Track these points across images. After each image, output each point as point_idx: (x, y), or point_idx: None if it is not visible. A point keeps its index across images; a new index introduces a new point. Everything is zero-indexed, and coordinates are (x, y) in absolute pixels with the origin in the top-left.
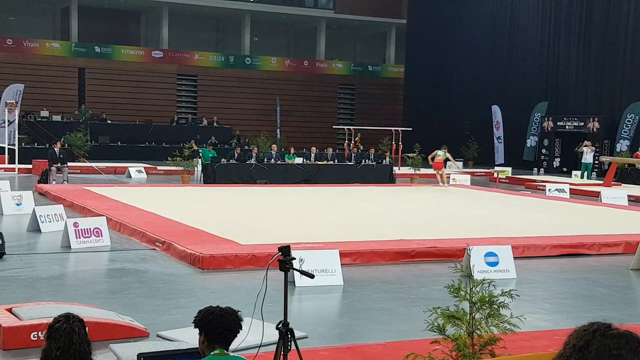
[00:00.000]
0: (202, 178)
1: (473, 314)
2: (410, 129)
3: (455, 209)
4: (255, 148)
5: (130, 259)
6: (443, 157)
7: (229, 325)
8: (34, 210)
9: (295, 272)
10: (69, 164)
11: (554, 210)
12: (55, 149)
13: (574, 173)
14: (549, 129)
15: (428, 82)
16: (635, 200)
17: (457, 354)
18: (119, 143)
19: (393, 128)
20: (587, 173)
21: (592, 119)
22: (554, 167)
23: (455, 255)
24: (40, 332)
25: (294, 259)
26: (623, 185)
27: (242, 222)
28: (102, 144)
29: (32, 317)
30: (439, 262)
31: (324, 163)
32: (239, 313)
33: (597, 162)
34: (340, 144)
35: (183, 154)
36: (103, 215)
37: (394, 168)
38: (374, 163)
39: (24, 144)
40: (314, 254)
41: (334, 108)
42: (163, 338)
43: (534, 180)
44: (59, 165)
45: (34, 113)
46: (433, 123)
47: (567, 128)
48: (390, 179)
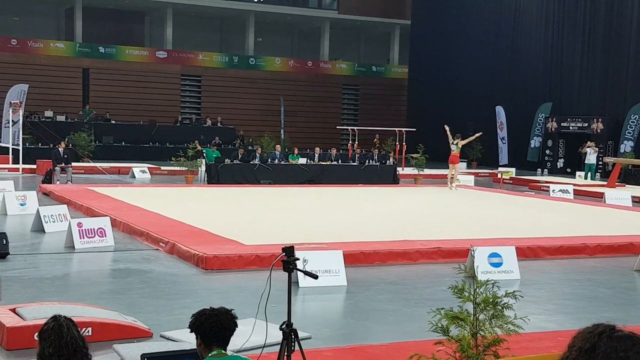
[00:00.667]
0: (205, 178)
1: (477, 315)
2: (414, 130)
3: (459, 210)
4: (259, 148)
5: (134, 259)
6: (457, 150)
7: (224, 324)
8: (38, 211)
9: (299, 272)
10: (73, 164)
11: (558, 211)
12: (59, 149)
13: (578, 174)
14: (553, 130)
15: (432, 82)
16: (639, 201)
17: (461, 355)
18: (123, 143)
19: (397, 128)
20: (590, 174)
21: (596, 120)
22: (558, 167)
23: (459, 256)
24: None
25: (298, 260)
26: (627, 186)
27: (245, 222)
28: (106, 144)
29: (35, 317)
30: (443, 262)
31: (328, 163)
32: (233, 311)
33: (601, 162)
34: (344, 145)
35: (187, 154)
36: (107, 216)
37: (398, 168)
38: (378, 164)
39: (28, 144)
40: (318, 255)
41: (338, 108)
42: (166, 338)
43: (538, 181)
44: (63, 166)
45: (38, 113)
46: (437, 124)
47: (571, 129)
48: (394, 180)
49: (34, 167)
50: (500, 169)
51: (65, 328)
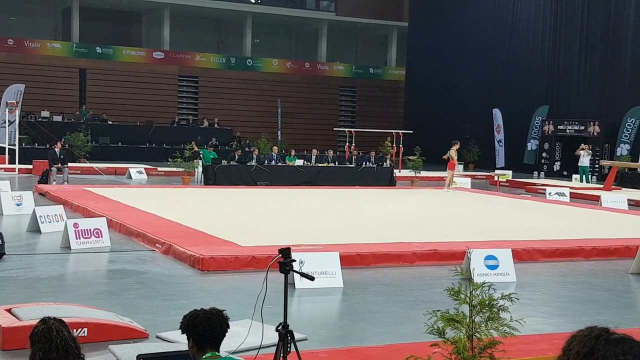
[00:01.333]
0: (202, 179)
1: (473, 317)
2: (411, 132)
3: (456, 212)
4: (256, 150)
5: (130, 260)
6: (456, 156)
7: (215, 326)
8: (34, 211)
9: (295, 274)
10: (70, 165)
11: (554, 214)
12: (56, 150)
13: (574, 177)
14: (550, 133)
15: (429, 85)
16: (635, 205)
17: (456, 357)
18: (120, 144)
19: (394, 131)
20: (585, 176)
21: (592, 123)
22: (555, 170)
23: (455, 258)
24: None
25: (294, 261)
26: (623, 189)
27: (242, 223)
28: (102, 145)
29: (31, 317)
30: (439, 265)
31: (325, 165)
32: (224, 312)
33: (597, 165)
34: (341, 146)
35: (184, 155)
36: (103, 216)
37: (395, 171)
38: (375, 165)
39: (25, 144)
40: (314, 256)
41: (335, 110)
42: (162, 339)
43: (535, 184)
44: (60, 166)
45: (35, 113)
46: (434, 126)
47: (567, 132)
48: (391, 182)
49: (30, 167)
50: (497, 172)
51: (55, 331)
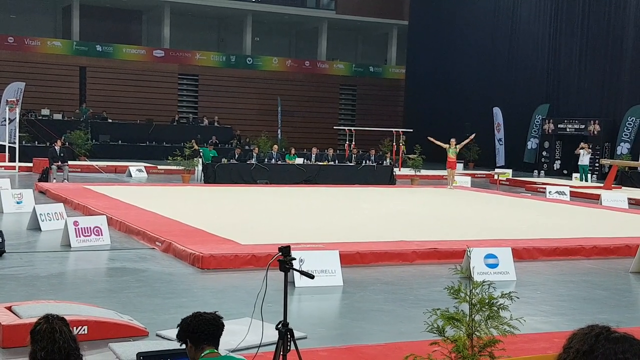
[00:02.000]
0: (202, 178)
1: (473, 316)
2: (411, 130)
3: (456, 211)
4: (256, 148)
5: (130, 258)
6: (455, 154)
7: (209, 321)
8: (34, 209)
9: (295, 272)
10: (70, 163)
11: (554, 213)
12: (56, 148)
13: (575, 175)
14: (550, 132)
15: (429, 83)
16: (636, 203)
17: (456, 356)
18: (120, 142)
19: (394, 129)
20: (584, 175)
21: (593, 122)
22: (555, 169)
23: (455, 257)
24: None
25: (294, 260)
26: (623, 188)
27: (242, 222)
28: (102, 143)
29: (31, 315)
30: (439, 263)
31: (325, 164)
32: (217, 312)
33: (597, 164)
34: (341, 145)
35: (184, 154)
36: (103, 214)
37: (395, 169)
38: (375, 164)
39: (25, 142)
40: (314, 255)
41: (335, 109)
42: (162, 337)
43: (535, 183)
44: (60, 164)
45: (35, 111)
46: (434, 124)
47: (567, 130)
48: (391, 180)
49: (31, 165)
50: (497, 170)
51: (58, 332)
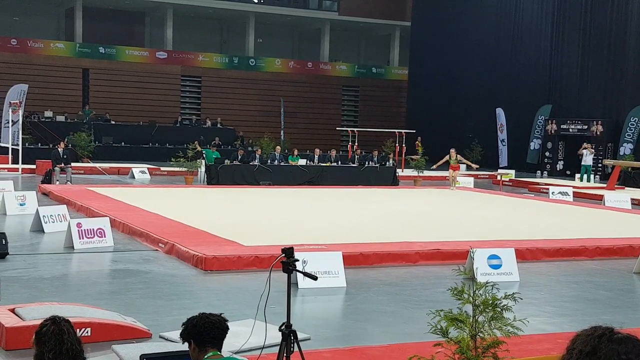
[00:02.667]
0: (205, 179)
1: (476, 317)
2: (414, 131)
3: (459, 212)
4: (259, 149)
5: (133, 260)
6: (456, 163)
7: (214, 323)
8: (37, 211)
9: (299, 273)
10: (73, 165)
11: (557, 213)
12: (59, 149)
13: (578, 176)
14: (553, 132)
15: (432, 84)
16: (639, 204)
17: (460, 357)
18: (123, 144)
19: (397, 130)
20: (587, 175)
21: (595, 122)
22: (558, 170)
23: (459, 258)
24: None
25: (297, 261)
26: (626, 189)
27: (245, 223)
28: (105, 145)
29: (34, 317)
30: (442, 264)
31: (328, 165)
32: (222, 315)
33: (600, 164)
34: (344, 146)
35: (187, 155)
36: (106, 216)
37: (397, 170)
38: (378, 165)
39: (28, 144)
40: (317, 256)
41: (338, 110)
42: (165, 339)
43: (538, 183)
44: (63, 166)
45: (38, 113)
46: (437, 125)
47: (570, 131)
48: (394, 181)
49: (34, 167)
50: (500, 171)
51: (67, 333)
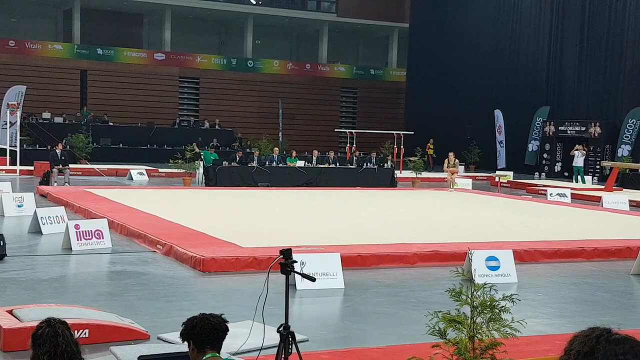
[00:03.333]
0: (203, 181)
1: (474, 318)
2: (412, 133)
3: (457, 213)
4: (257, 151)
5: (131, 262)
6: (453, 166)
7: (214, 326)
8: (35, 212)
9: (297, 275)
10: (71, 166)
11: (555, 215)
12: (57, 151)
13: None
14: (551, 134)
15: (430, 86)
16: (637, 206)
17: (458, 358)
18: (121, 145)
19: (395, 132)
20: (580, 177)
21: (593, 124)
22: (556, 171)
23: (457, 259)
24: None
25: (295, 262)
26: (624, 190)
27: (243, 224)
28: (103, 146)
29: (32, 319)
30: (440, 266)
31: (326, 166)
32: (222, 316)
33: (598, 166)
34: (342, 148)
35: (185, 157)
36: (104, 218)
37: (396, 172)
38: (376, 167)
39: (26, 146)
40: (315, 257)
41: (336, 111)
42: (163, 340)
43: (536, 185)
44: (61, 167)
45: (36, 115)
46: (435, 127)
47: (568, 133)
48: (392, 183)
49: (32, 168)
50: (498, 173)
51: (61, 335)
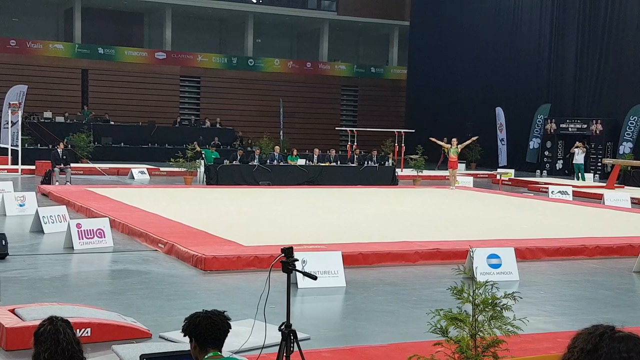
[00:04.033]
0: (204, 179)
1: (476, 316)
2: (413, 131)
3: (458, 211)
4: (258, 149)
5: (133, 260)
6: (456, 153)
7: (217, 325)
8: (37, 211)
9: (298, 273)
10: (72, 165)
11: (557, 213)
12: (59, 150)
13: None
14: (552, 131)
15: (431, 83)
16: (638, 203)
17: (460, 356)
18: (122, 144)
19: (396, 130)
20: (580, 174)
21: (594, 122)
22: (557, 169)
23: (458, 257)
24: None
25: (297, 261)
26: (626, 188)
27: (244, 223)
28: (105, 145)
29: (34, 318)
30: (442, 264)
31: (327, 165)
32: (225, 313)
33: (599, 164)
34: (343, 146)
35: (186, 155)
36: (106, 217)
37: (397, 170)
38: (377, 165)
39: (27, 145)
40: (317, 256)
41: (337, 110)
42: (165, 339)
43: (537, 182)
44: (62, 166)
45: (37, 114)
46: (436, 125)
47: (569, 130)
48: (393, 181)
49: (33, 168)
50: (500, 170)
51: (62, 333)
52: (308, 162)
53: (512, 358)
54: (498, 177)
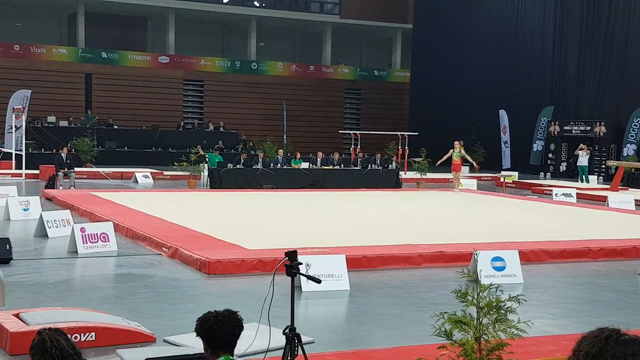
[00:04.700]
0: (208, 183)
1: (480, 319)
2: (417, 134)
3: (462, 214)
4: (262, 153)
5: (137, 264)
6: (459, 156)
7: (227, 329)
8: (41, 216)
9: (302, 277)
10: (76, 170)
11: (561, 215)
12: (62, 155)
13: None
14: (556, 134)
15: (434, 86)
16: None
17: (464, 359)
18: (126, 148)
19: (399, 133)
20: (584, 176)
21: (598, 124)
22: (561, 171)
23: (462, 260)
24: None
25: (301, 264)
26: (630, 190)
27: (248, 227)
28: (108, 149)
29: (39, 322)
30: (446, 266)
31: (330, 168)
32: (238, 314)
33: (603, 166)
34: (347, 149)
35: (189, 159)
36: (110, 221)
37: (400, 173)
38: (380, 168)
39: (31, 150)
40: (321, 259)
41: (340, 113)
42: (170, 343)
43: (541, 185)
44: (66, 171)
45: (41, 118)
46: (439, 128)
47: (573, 132)
48: (397, 184)
49: (37, 172)
50: (503, 173)
51: (49, 341)
52: (312, 165)
53: None
54: (502, 179)
